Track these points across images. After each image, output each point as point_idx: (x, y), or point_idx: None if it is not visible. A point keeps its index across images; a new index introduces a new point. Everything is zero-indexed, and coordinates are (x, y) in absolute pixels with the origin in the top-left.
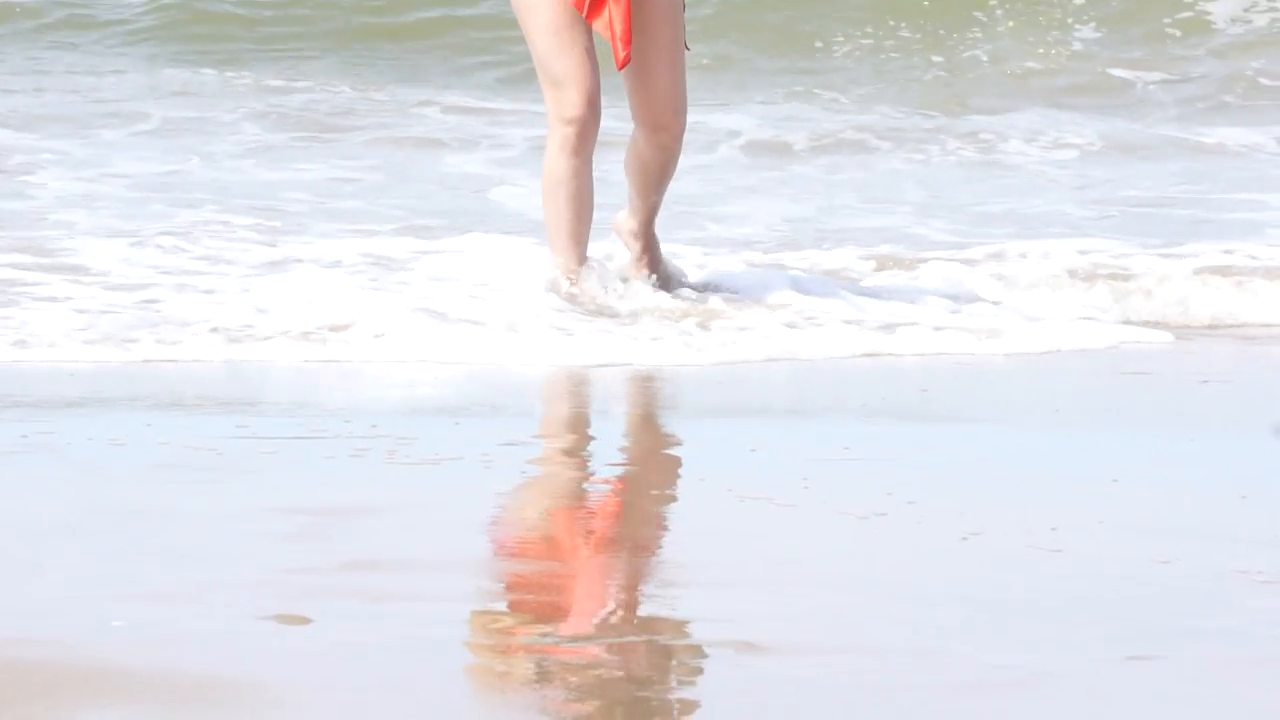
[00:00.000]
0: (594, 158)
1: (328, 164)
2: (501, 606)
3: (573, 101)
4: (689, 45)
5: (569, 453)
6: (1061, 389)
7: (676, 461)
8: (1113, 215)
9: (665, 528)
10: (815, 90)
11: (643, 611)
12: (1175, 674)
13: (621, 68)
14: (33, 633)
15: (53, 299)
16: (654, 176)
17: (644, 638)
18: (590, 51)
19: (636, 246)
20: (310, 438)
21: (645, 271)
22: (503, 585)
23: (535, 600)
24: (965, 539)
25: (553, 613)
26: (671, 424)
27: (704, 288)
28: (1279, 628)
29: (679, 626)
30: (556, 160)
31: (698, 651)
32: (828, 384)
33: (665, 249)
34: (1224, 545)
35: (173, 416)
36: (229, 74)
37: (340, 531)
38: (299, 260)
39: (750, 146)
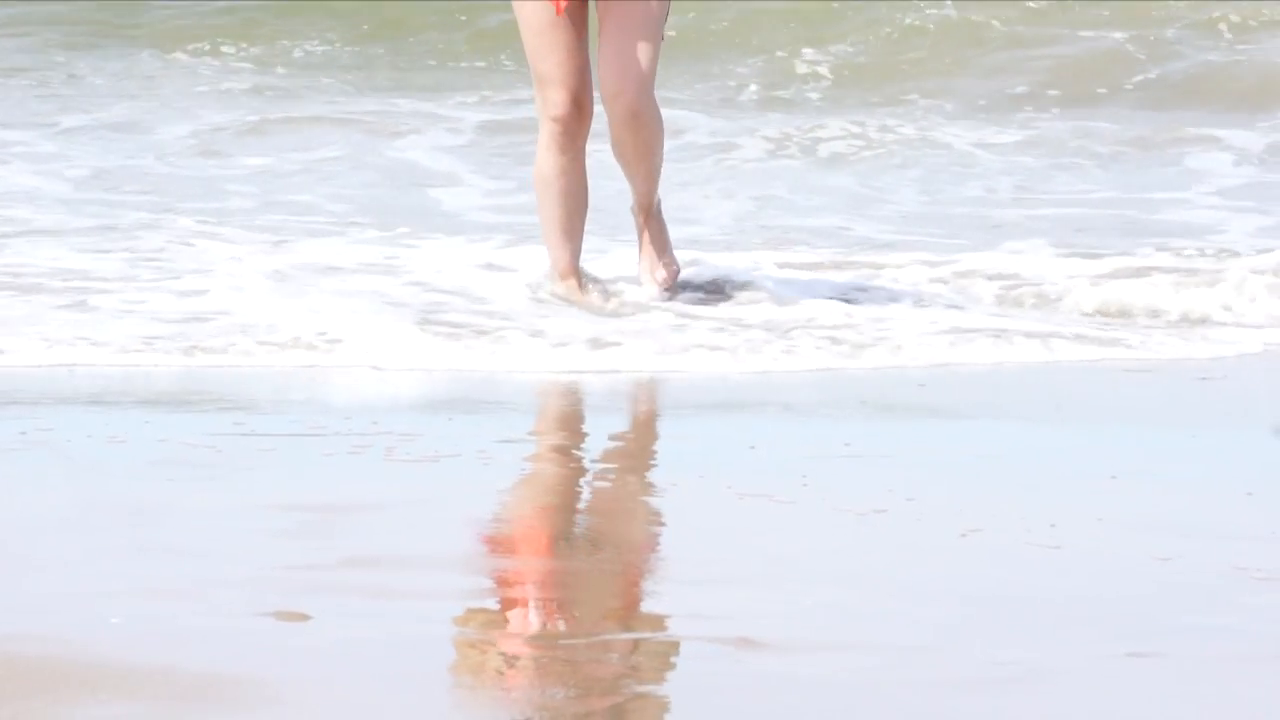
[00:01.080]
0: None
1: (278, 156)
2: (499, 603)
3: (555, 100)
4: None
5: (566, 450)
6: (1060, 385)
7: (675, 458)
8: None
9: (664, 525)
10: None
11: (642, 608)
12: (1174, 671)
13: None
14: (31, 629)
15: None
16: (628, 154)
17: (643, 634)
18: (575, 50)
19: (639, 224)
20: (309, 435)
21: (647, 258)
22: (500, 582)
23: (534, 597)
24: (964, 536)
25: (551, 609)
26: (670, 421)
27: (710, 287)
28: (1278, 625)
29: (678, 623)
30: (545, 157)
31: (697, 648)
32: (827, 381)
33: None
34: (1223, 542)
35: (171, 414)
36: (180, 55)
37: (339, 528)
38: (262, 265)
39: (705, 133)
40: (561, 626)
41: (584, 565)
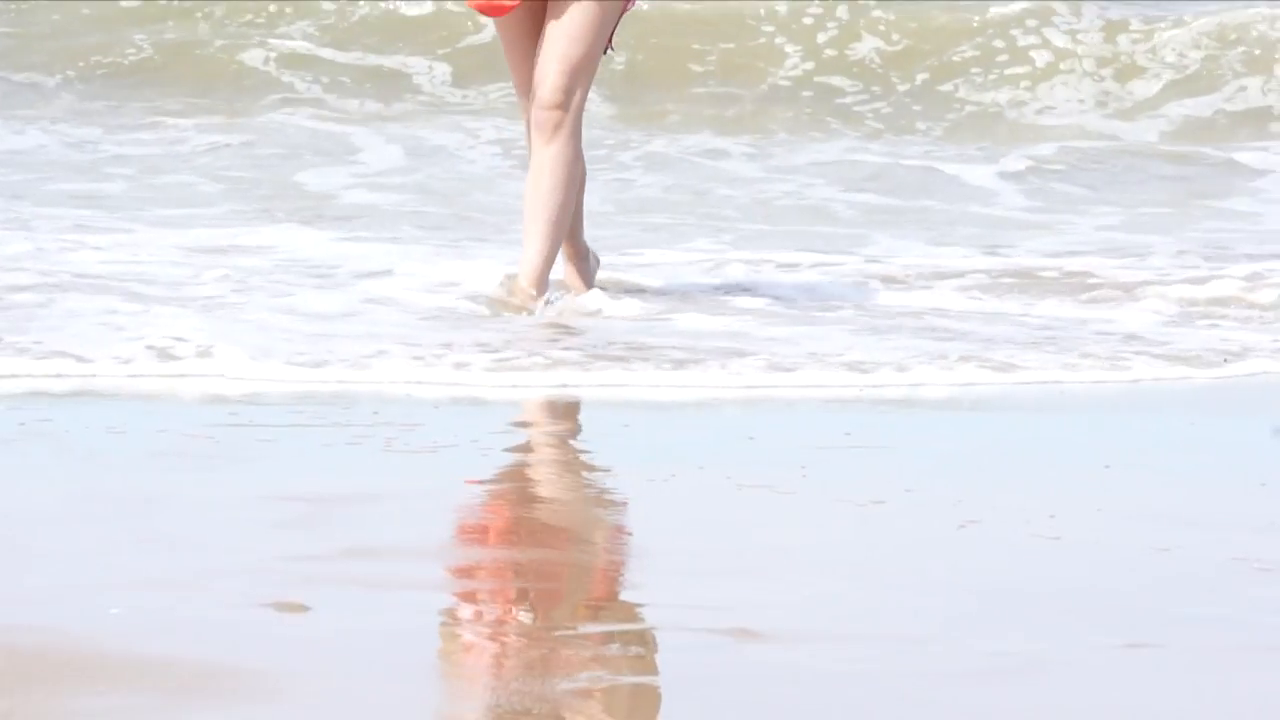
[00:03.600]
0: None
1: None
2: (496, 593)
3: (525, 107)
4: (612, 47)
5: (564, 441)
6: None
7: (674, 449)
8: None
9: (663, 515)
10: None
11: (641, 599)
12: (1173, 662)
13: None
14: (31, 619)
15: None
16: (537, 182)
17: (642, 624)
18: (531, 59)
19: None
20: (308, 426)
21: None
22: (498, 573)
23: (534, 588)
24: (963, 526)
25: (551, 600)
26: (668, 411)
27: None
28: (1277, 616)
29: (677, 613)
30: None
31: (696, 638)
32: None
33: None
34: (1222, 533)
35: (170, 405)
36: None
37: (338, 519)
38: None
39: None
40: (559, 616)
41: (583, 555)
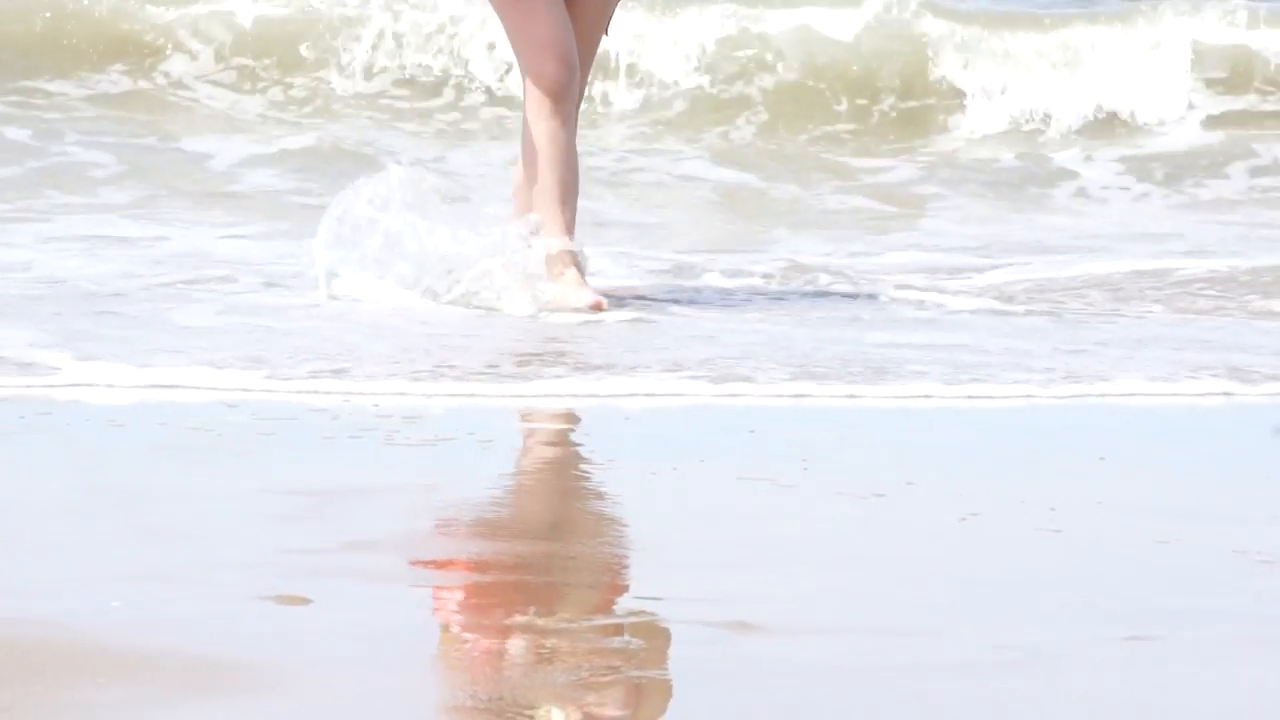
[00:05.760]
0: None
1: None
2: (496, 586)
3: (550, 70)
4: (608, 33)
5: (564, 435)
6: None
7: (675, 443)
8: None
9: (664, 508)
10: None
11: (642, 591)
12: (1174, 654)
13: None
14: (31, 613)
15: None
16: (566, 170)
17: (643, 618)
18: (564, 12)
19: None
20: (309, 418)
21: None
22: (498, 566)
23: (535, 581)
24: (964, 519)
25: (553, 594)
26: (670, 406)
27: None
28: (1278, 608)
29: (676, 606)
30: (536, 125)
31: (695, 631)
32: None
33: None
34: (1223, 525)
35: (170, 398)
36: None
37: (339, 512)
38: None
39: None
40: (560, 610)
41: (583, 549)
